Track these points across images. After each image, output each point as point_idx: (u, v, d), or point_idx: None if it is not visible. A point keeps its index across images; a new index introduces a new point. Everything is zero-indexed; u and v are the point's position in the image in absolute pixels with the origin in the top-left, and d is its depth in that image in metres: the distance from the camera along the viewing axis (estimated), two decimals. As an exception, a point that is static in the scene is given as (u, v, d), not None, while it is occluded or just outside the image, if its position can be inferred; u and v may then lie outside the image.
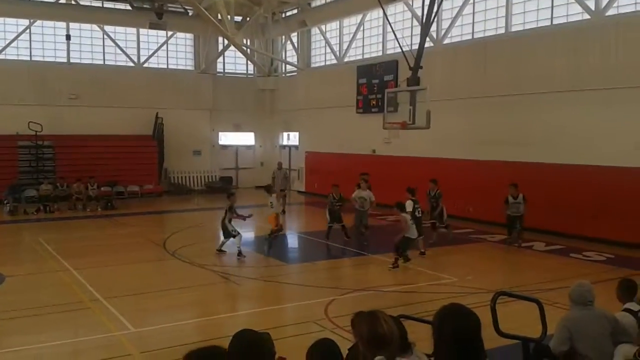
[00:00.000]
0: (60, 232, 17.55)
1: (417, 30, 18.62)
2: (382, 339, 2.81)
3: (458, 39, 19.71)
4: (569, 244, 14.67)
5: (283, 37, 29.30)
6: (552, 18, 16.64)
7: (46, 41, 25.42)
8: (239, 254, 13.31)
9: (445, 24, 19.92)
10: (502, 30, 18.12)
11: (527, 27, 17.34)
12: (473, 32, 19.16)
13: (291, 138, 29.24)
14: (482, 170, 17.84)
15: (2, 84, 23.54)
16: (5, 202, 20.46)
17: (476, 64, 18.36)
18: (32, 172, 23.25)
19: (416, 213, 13.09)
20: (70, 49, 25.75)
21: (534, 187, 15.82)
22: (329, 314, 9.02)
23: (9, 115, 23.16)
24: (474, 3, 19.00)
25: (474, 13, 19.07)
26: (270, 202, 14.14)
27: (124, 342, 7.86)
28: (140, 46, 27.39)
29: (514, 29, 17.81)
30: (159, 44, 27.82)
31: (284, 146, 29.60)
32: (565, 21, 16.27)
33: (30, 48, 25.04)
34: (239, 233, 13.65)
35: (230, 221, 13.75)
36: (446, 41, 19.95)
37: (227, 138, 29.59)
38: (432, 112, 14.95)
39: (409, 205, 12.97)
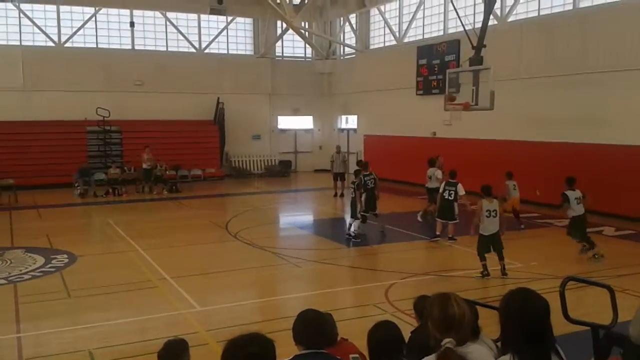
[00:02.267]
0: (128, 214, 18.21)
1: (480, 8, 18.07)
2: (452, 321, 2.77)
3: (523, 16, 19.00)
4: (641, 228, 14.03)
5: (341, 18, 29.12)
6: (624, -9, 15.79)
7: (111, 29, 26.22)
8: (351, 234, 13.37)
9: (509, 1, 19.24)
10: (570, 7, 17.34)
11: (596, 3, 16.53)
12: (539, 9, 18.43)
13: (349, 121, 29.14)
14: (549, 152, 17.23)
15: (70, 71, 24.50)
16: (75, 185, 21.38)
17: (543, 42, 17.66)
18: (101, 156, 24.20)
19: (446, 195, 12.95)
20: (135, 36, 26.47)
21: (602, 169, 15.18)
22: (389, 297, 8.98)
23: (77, 102, 24.15)
24: (540, -22, 18.26)
25: (540, -11, 18.33)
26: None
27: (190, 320, 8.10)
28: (202, 32, 27.87)
29: (581, 4, 17.01)
30: (219, 30, 28.21)
31: (342, 129, 29.54)
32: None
33: (97, 36, 25.90)
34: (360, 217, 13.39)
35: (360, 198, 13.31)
36: (511, 19, 19.27)
37: (286, 122, 29.80)
38: (496, 93, 14.53)
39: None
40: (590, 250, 11.30)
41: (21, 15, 24.39)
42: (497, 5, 17.95)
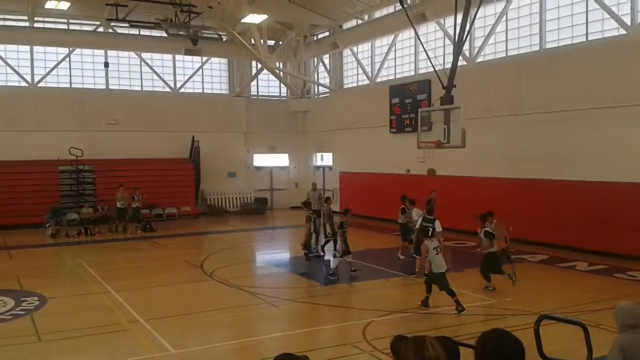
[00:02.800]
0: (101, 254, 17.91)
1: (450, 49, 18.59)
2: None
3: (491, 56, 19.61)
4: (613, 263, 14.27)
5: (315, 59, 29.64)
6: (587, 34, 16.44)
7: (85, 69, 26.23)
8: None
9: (478, 42, 19.86)
10: (537, 47, 17.96)
11: (562, 43, 17.16)
12: (507, 50, 19.04)
13: (325, 159, 29.35)
14: (520, 189, 17.56)
15: (43, 111, 24.36)
16: (47, 225, 21.00)
17: (511, 82, 18.20)
18: (73, 196, 23.86)
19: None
20: (109, 75, 26.49)
21: (575, 205, 15.50)
22: (366, 336, 8.95)
23: (50, 141, 23.90)
24: (506, 21, 18.91)
25: (507, 30, 18.97)
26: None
27: (164, 364, 7.94)
28: (177, 72, 28.04)
29: (548, 45, 17.64)
30: (195, 69, 28.43)
31: (318, 167, 29.73)
32: (601, 36, 16.05)
33: (70, 75, 25.88)
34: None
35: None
36: (479, 59, 19.86)
37: (262, 159, 29.89)
38: (467, 131, 14.83)
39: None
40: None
41: (-6, 55, 24.30)
42: (466, 46, 18.49)
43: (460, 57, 17.09)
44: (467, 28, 15.60)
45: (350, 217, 14.24)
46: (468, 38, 17.51)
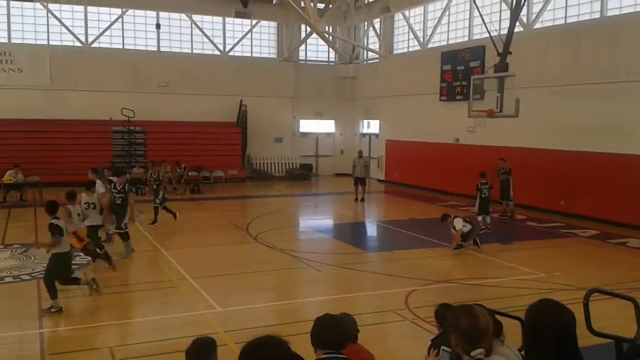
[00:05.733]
0: (151, 213, 18.33)
1: (506, 14, 17.95)
2: (481, 332, 2.78)
3: (550, 23, 18.80)
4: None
5: (365, 23, 29.11)
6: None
7: (137, 30, 26.53)
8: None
9: (536, 8, 19.05)
10: (597, 15, 17.11)
11: (625, 11, 16.29)
12: (566, 17, 18.21)
13: (371, 126, 29.08)
14: (574, 161, 17.01)
15: (96, 72, 24.86)
16: (100, 184, 21.58)
17: (569, 50, 17.45)
18: (125, 156, 24.48)
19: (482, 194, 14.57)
20: (160, 37, 26.76)
21: (630, 180, 14.93)
22: (409, 304, 8.93)
23: (103, 101, 24.50)
24: (568, -15, 18.06)
25: (567, -4, 18.14)
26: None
27: (210, 320, 8.14)
28: (226, 35, 28.08)
29: (609, 13, 16.78)
30: (244, 33, 28.39)
31: (364, 134, 29.50)
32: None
33: (123, 37, 26.22)
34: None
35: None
36: (537, 26, 19.08)
37: (308, 125, 29.86)
38: (521, 100, 14.39)
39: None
40: None
41: (49, 15, 24.82)
42: (524, 12, 17.77)
43: (517, 23, 16.49)
44: (526, -8, 14.99)
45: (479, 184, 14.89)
46: (526, 3, 16.84)
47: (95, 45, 25.71)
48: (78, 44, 25.37)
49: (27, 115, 23.40)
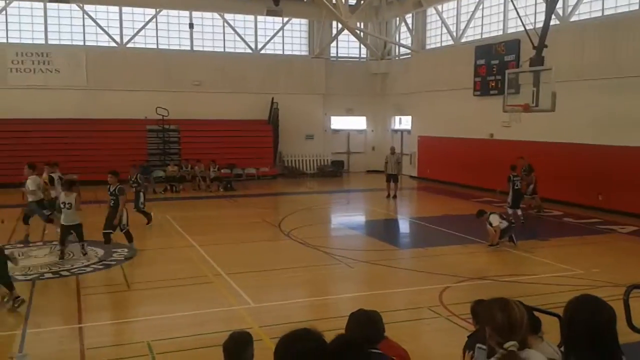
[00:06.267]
0: (185, 210, 18.64)
1: (541, 7, 17.61)
2: (515, 325, 2.76)
3: (586, 15, 18.37)
4: None
5: (397, 19, 28.91)
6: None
7: (171, 30, 26.90)
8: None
9: (572, 1, 18.64)
10: (636, 7, 16.64)
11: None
12: (603, 8, 17.77)
13: (403, 122, 28.89)
14: (612, 156, 16.61)
15: (131, 71, 25.30)
16: (136, 181, 22.02)
17: (607, 43, 17.03)
18: (160, 154, 24.87)
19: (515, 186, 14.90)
20: (194, 37, 27.07)
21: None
22: (443, 301, 8.85)
23: (138, 101, 24.91)
24: (605, -24, 17.61)
25: (605, -13, 17.69)
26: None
27: (244, 315, 8.22)
28: (258, 33, 28.24)
29: (649, 3, 16.33)
30: (275, 30, 28.50)
31: (396, 130, 29.33)
32: None
33: (157, 37, 26.61)
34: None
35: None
36: (573, 18, 18.67)
37: (339, 122, 29.83)
38: (557, 94, 14.10)
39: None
40: None
41: (85, 16, 25.34)
42: (559, 4, 17.40)
43: (553, 16, 16.16)
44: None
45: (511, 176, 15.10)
46: (562, -5, 16.49)
47: (130, 45, 26.15)
48: (113, 44, 25.84)
49: (64, 114, 23.97)
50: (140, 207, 15.14)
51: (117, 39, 25.91)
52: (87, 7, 25.15)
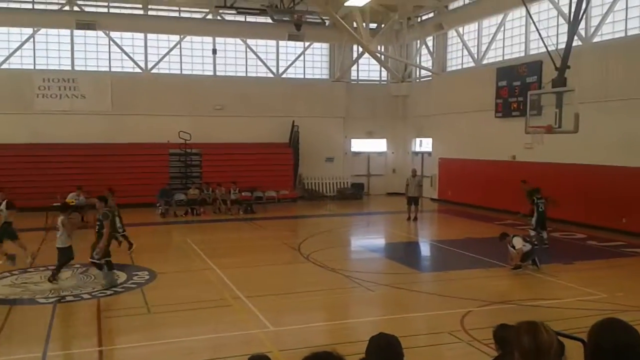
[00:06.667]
0: (205, 233, 18.72)
1: (563, 28, 17.53)
2: (542, 349, 2.68)
3: (609, 36, 18.22)
4: None
5: (418, 41, 29.01)
6: None
7: (195, 55, 27.34)
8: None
9: (594, 21, 18.52)
10: (661, 26, 16.50)
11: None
12: (626, 29, 17.62)
13: (424, 144, 28.80)
14: (637, 178, 16.29)
15: (155, 96, 25.71)
16: (157, 205, 22.27)
17: (630, 63, 16.84)
18: (181, 178, 25.10)
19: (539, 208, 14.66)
20: (216, 62, 27.47)
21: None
22: (465, 325, 8.69)
23: (161, 125, 25.25)
24: (627, -3, 17.49)
25: (627, 8, 17.53)
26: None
27: (263, 339, 8.16)
28: (279, 57, 28.55)
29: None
30: (297, 55, 28.80)
31: (417, 152, 29.23)
32: None
33: (181, 62, 27.06)
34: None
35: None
36: (596, 39, 18.54)
37: (359, 145, 29.85)
38: (580, 115, 13.94)
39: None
40: None
41: (111, 43, 25.90)
42: (582, 25, 17.30)
43: (575, 37, 16.07)
44: (584, 6, 14.59)
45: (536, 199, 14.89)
46: (584, 17, 16.39)
47: (154, 71, 26.62)
48: (138, 70, 26.33)
49: (89, 139, 24.37)
50: (122, 232, 14.43)
51: (142, 64, 26.40)
52: (113, 34, 25.74)
